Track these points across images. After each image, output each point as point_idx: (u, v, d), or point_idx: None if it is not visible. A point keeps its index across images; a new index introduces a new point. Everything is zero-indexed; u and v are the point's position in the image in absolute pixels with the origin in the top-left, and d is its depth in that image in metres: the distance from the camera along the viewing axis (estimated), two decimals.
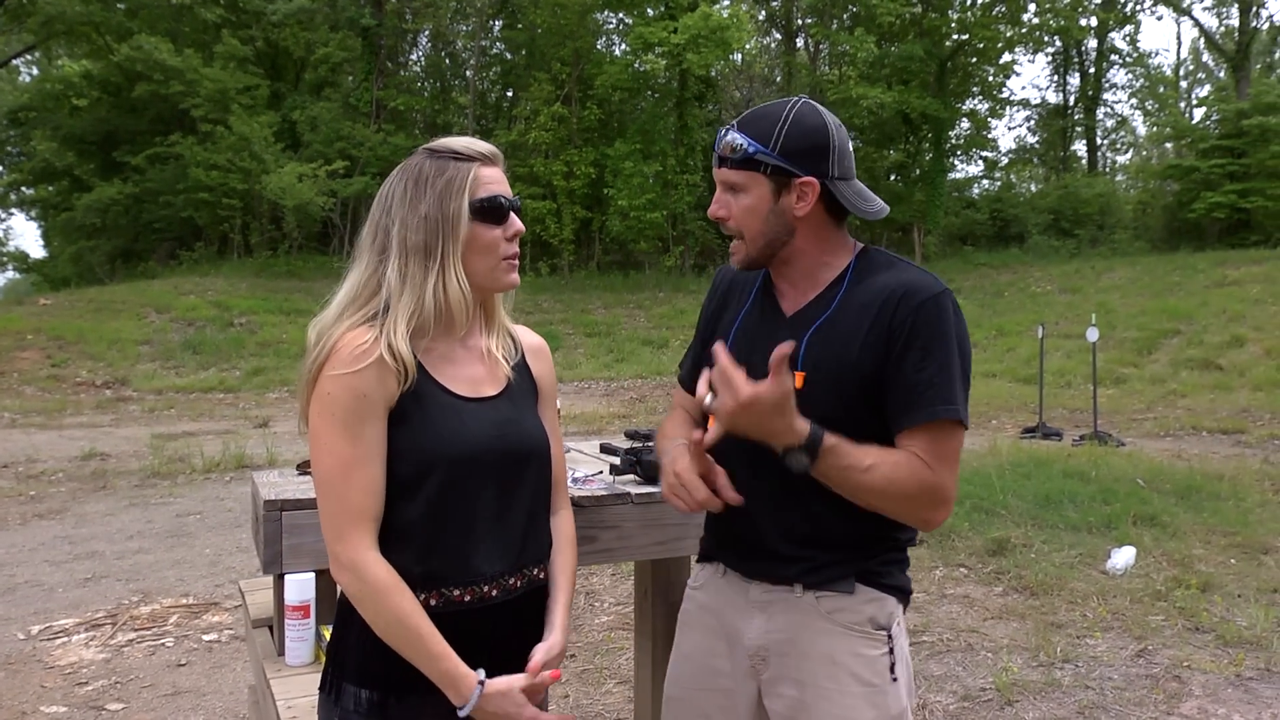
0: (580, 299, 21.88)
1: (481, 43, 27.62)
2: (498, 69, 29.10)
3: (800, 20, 30.26)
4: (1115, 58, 33.02)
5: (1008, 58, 29.72)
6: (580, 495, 2.10)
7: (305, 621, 2.02)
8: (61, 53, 27.79)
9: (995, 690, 3.76)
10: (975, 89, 30.29)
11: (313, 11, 24.24)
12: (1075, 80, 33.41)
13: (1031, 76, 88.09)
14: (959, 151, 30.57)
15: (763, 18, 31.38)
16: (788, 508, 1.55)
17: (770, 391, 1.36)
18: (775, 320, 1.61)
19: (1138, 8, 31.18)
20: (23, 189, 30.26)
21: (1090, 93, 32.71)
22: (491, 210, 1.46)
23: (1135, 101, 36.51)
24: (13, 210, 33.67)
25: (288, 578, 2.00)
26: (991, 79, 30.37)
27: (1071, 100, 33.56)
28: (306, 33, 25.35)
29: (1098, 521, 6.14)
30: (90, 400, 13.31)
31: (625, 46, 26.06)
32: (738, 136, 1.53)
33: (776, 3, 30.72)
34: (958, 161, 31.11)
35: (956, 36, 27.59)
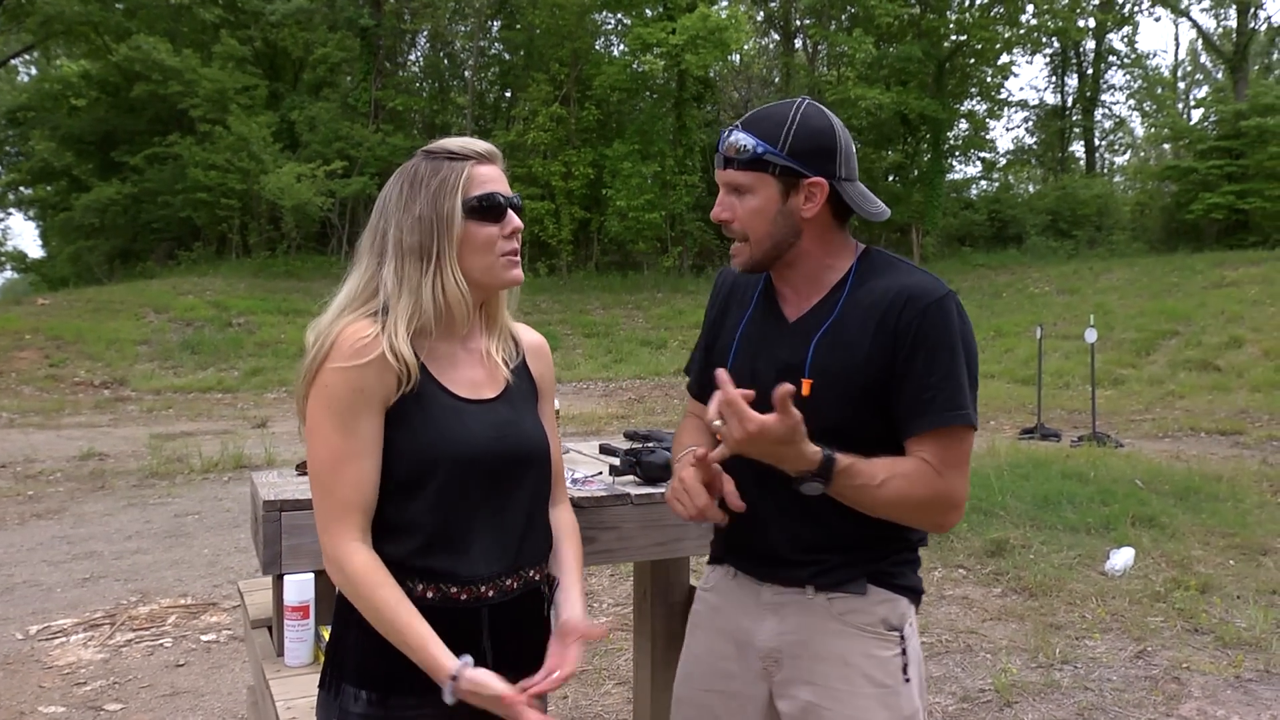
0: (578, 299, 21.87)
1: (480, 43, 27.61)
2: (496, 69, 29.10)
3: (799, 21, 30.29)
4: (1113, 59, 33.06)
5: (1006, 59, 29.80)
6: (580, 496, 2.09)
7: (305, 622, 2.01)
8: (60, 53, 27.79)
9: (994, 691, 3.77)
10: (973, 90, 30.32)
11: (311, 11, 24.22)
12: (1073, 81, 33.45)
13: (1029, 78, 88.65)
14: (957, 152, 30.60)
15: (761, 18, 31.41)
16: (797, 517, 1.54)
17: (777, 424, 1.34)
18: (778, 326, 1.59)
19: (1135, 9, 31.27)
20: (21, 189, 30.25)
21: (1088, 94, 32.71)
22: (486, 208, 1.45)
23: (1133, 103, 36.51)
24: (11, 210, 33.70)
25: (287, 578, 1.99)
26: (990, 80, 30.41)
27: (1069, 101, 33.59)
28: (305, 33, 25.32)
29: (1096, 522, 6.14)
30: (88, 400, 13.29)
31: (624, 47, 26.06)
32: (744, 137, 1.50)
33: (775, 3, 30.74)
34: (956, 162, 31.18)
35: (955, 37, 27.61)
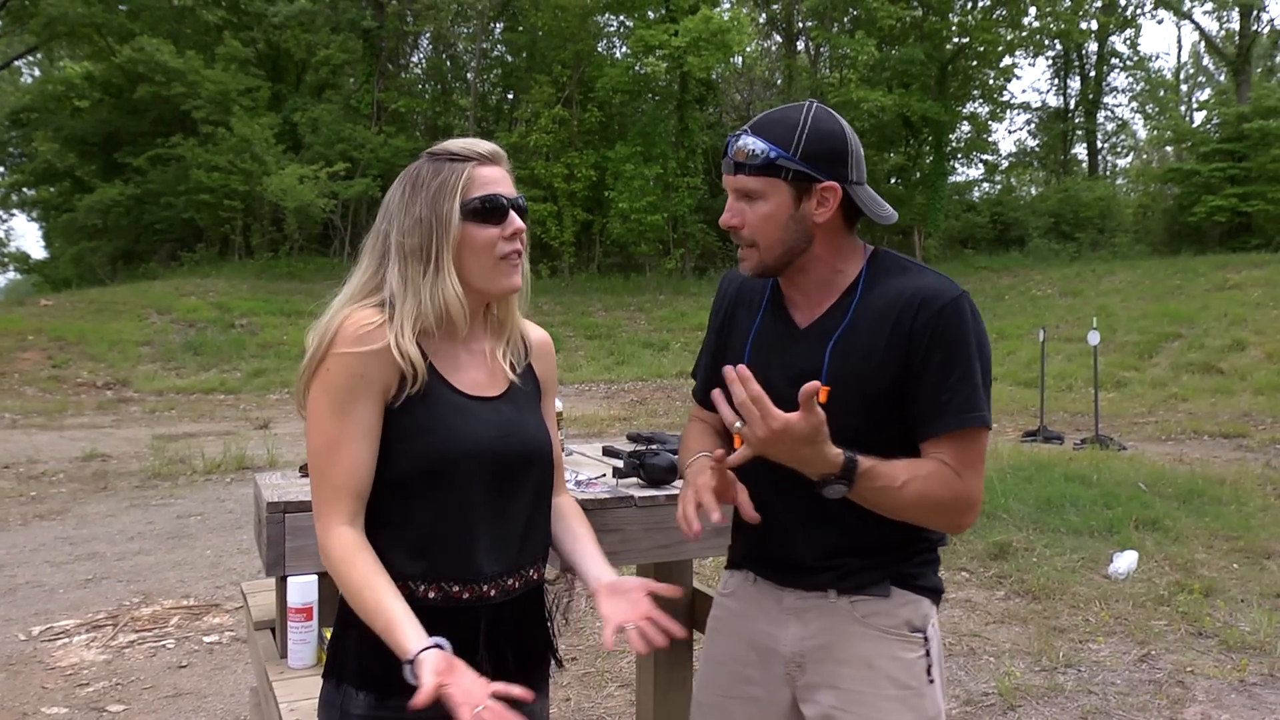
0: (581, 301, 21.87)
1: (482, 45, 27.64)
2: (499, 71, 29.14)
3: (801, 23, 30.28)
4: (1116, 61, 33.02)
5: (1008, 61, 29.79)
6: (583, 498, 2.08)
7: (308, 624, 2.01)
8: (63, 54, 27.81)
9: (998, 695, 3.76)
10: (976, 92, 30.31)
11: (314, 13, 24.25)
12: (1076, 84, 33.44)
13: (1032, 80, 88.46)
14: (959, 155, 30.56)
15: (763, 21, 31.40)
16: (817, 523, 1.53)
17: (802, 423, 1.32)
18: (790, 333, 1.57)
19: (1138, 11, 31.22)
20: (24, 190, 30.26)
21: (1091, 96, 32.69)
22: (487, 210, 1.43)
23: (1136, 105, 36.48)
24: (14, 211, 33.68)
25: (290, 580, 1.99)
26: (992, 82, 30.39)
27: (1072, 104, 33.57)
28: (308, 35, 25.34)
29: (1099, 525, 6.13)
30: (91, 401, 13.30)
31: (626, 49, 26.05)
32: (755, 141, 1.47)
33: (777, 6, 30.73)
34: (958, 165, 31.14)
35: (957, 40, 27.61)
